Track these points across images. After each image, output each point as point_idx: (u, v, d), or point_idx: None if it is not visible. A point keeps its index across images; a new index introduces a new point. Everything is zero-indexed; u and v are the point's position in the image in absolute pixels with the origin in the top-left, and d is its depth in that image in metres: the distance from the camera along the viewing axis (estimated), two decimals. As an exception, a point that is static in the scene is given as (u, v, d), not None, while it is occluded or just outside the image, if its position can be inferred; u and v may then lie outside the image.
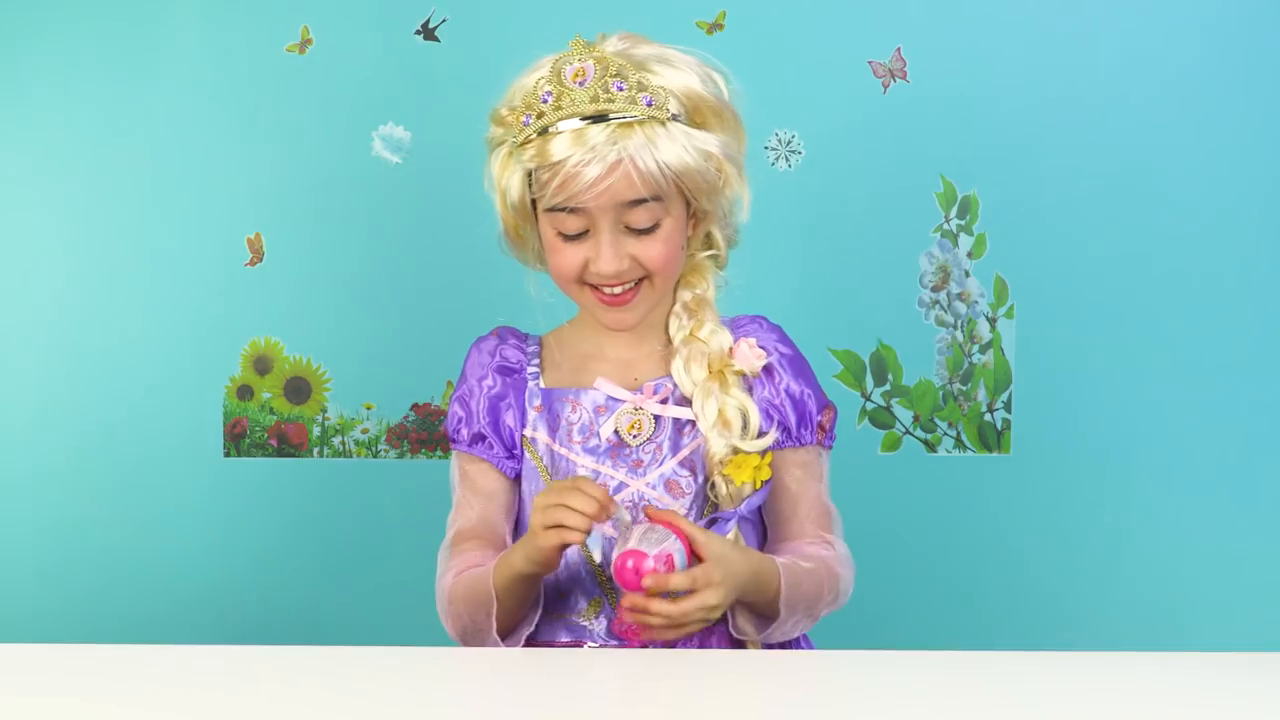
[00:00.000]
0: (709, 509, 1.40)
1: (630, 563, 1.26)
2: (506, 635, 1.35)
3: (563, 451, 1.42)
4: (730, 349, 1.42)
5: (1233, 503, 2.25)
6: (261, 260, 2.20)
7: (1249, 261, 2.23)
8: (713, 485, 1.39)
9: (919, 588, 2.21)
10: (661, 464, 1.40)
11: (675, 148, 1.33)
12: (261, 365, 2.21)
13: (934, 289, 2.23)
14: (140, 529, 2.20)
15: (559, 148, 1.32)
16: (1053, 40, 2.20)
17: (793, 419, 1.42)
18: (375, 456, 2.22)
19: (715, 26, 2.18)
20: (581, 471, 1.41)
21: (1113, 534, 2.25)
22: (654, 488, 1.40)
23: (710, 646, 1.39)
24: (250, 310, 2.20)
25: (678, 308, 1.44)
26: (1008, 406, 2.24)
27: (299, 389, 2.21)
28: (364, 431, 2.22)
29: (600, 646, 1.39)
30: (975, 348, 2.24)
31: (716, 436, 1.38)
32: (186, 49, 2.17)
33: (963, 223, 2.22)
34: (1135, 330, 2.23)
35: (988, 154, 2.21)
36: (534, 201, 1.39)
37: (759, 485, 1.39)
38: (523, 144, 1.35)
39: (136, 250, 2.19)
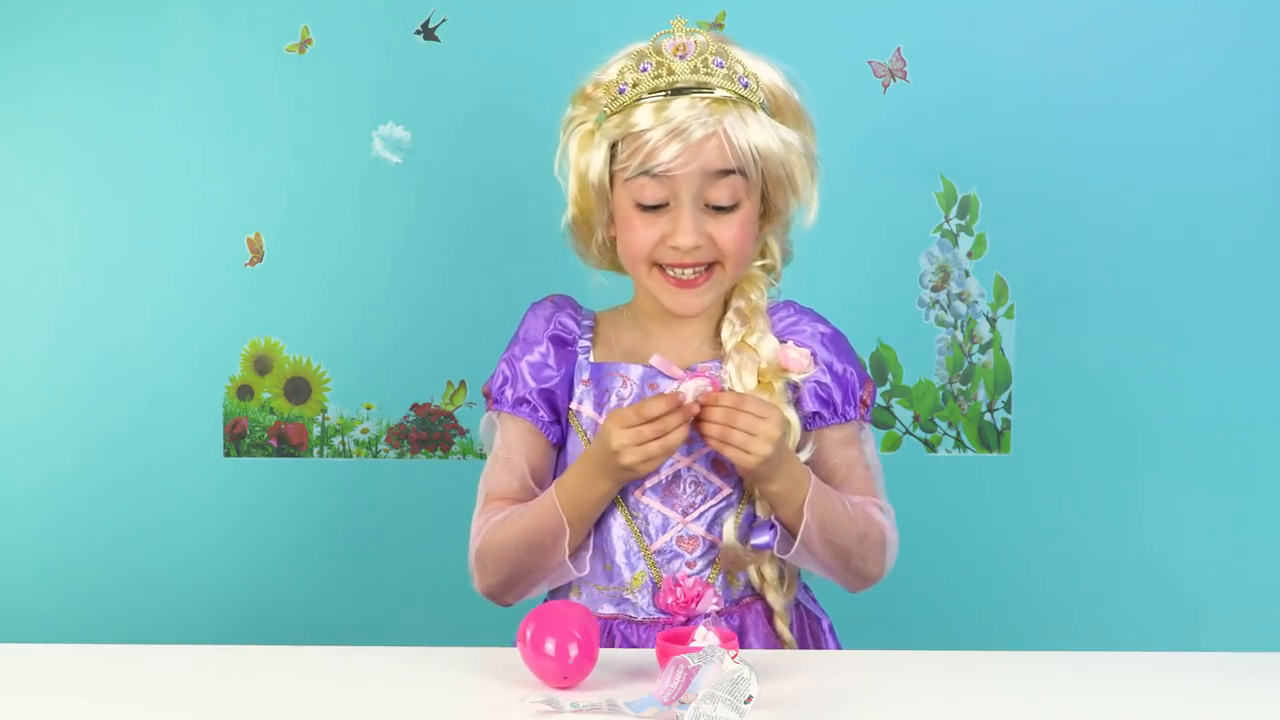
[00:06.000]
0: (744, 503, 1.41)
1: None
2: (574, 556, 1.38)
3: None
4: (779, 356, 1.42)
5: (1233, 503, 2.25)
6: (261, 260, 2.20)
7: (1249, 261, 2.23)
8: (753, 499, 1.41)
9: (919, 587, 2.21)
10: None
11: (765, 132, 1.36)
12: (261, 365, 2.21)
13: (934, 289, 2.23)
14: (140, 529, 2.20)
15: (653, 114, 1.34)
16: (1053, 40, 2.20)
17: (838, 397, 1.44)
18: (375, 456, 2.22)
19: (715, 26, 2.18)
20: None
21: (1113, 534, 2.25)
22: (701, 464, 1.41)
23: (746, 623, 1.41)
24: (250, 310, 2.20)
25: (730, 314, 1.45)
26: (1008, 406, 2.24)
27: (299, 389, 2.21)
28: (364, 431, 2.22)
29: (644, 620, 1.41)
30: (975, 348, 2.24)
31: None
32: (187, 49, 2.17)
33: (963, 223, 2.22)
34: (1135, 330, 2.23)
35: (988, 154, 2.20)
36: (612, 179, 1.39)
37: None
38: (615, 112, 1.36)
39: (137, 250, 2.19)
